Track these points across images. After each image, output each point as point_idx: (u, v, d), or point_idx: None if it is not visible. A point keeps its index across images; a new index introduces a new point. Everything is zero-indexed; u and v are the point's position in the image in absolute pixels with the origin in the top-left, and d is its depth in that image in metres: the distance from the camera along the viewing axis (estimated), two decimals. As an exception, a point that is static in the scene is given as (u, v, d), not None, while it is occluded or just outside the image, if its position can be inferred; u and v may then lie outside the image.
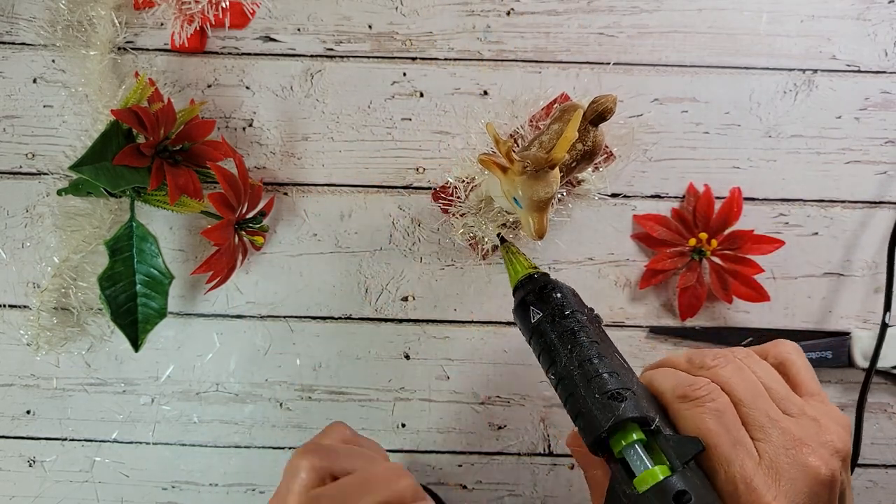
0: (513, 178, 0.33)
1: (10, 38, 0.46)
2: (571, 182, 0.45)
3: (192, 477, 0.47)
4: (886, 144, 0.46)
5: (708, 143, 0.46)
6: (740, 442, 0.26)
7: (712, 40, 0.46)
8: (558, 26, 0.46)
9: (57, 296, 0.45)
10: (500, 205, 0.40)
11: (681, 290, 0.45)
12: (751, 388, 0.28)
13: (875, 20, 0.46)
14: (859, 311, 0.47)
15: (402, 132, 0.47)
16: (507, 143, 0.32)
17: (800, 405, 0.28)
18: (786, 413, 0.28)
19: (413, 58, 0.46)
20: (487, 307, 0.47)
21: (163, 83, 0.46)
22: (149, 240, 0.42)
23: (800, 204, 0.47)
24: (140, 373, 0.47)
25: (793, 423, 0.27)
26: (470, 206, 0.43)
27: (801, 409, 0.28)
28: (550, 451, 0.47)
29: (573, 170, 0.39)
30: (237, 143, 0.47)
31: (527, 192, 0.33)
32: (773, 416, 0.27)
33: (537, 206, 0.33)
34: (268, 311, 0.47)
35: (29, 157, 0.46)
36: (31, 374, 0.47)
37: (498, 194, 0.37)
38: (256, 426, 0.47)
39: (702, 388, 0.28)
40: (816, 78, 0.46)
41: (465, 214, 0.43)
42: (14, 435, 0.47)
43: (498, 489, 0.47)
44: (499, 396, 0.47)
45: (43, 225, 0.46)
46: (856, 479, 0.47)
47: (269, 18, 0.46)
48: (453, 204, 0.43)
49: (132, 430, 0.47)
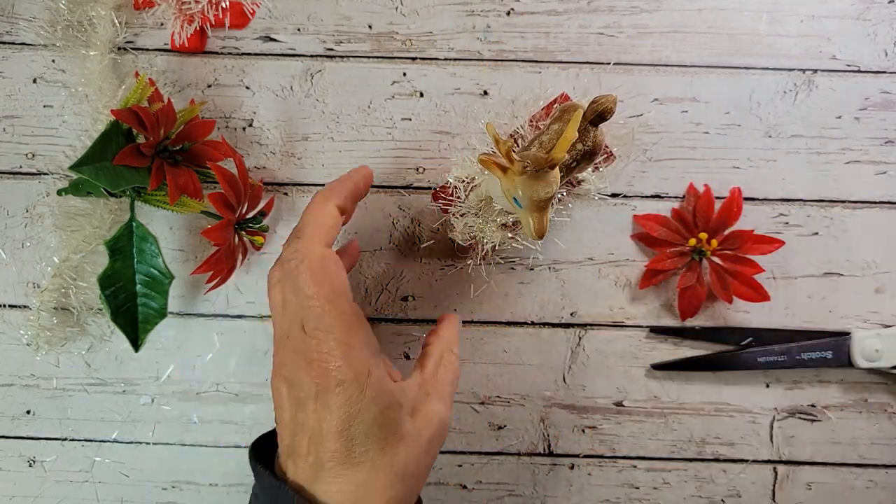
0: (513, 178, 0.33)
1: (10, 38, 0.46)
2: (571, 182, 0.45)
3: (192, 477, 0.47)
4: (886, 144, 0.46)
5: (708, 143, 0.46)
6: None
7: (712, 40, 0.46)
8: (558, 26, 0.46)
9: (57, 296, 0.45)
10: (500, 205, 0.40)
11: (681, 290, 0.45)
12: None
13: (875, 20, 0.46)
14: (859, 311, 0.47)
15: (402, 132, 0.47)
16: (507, 142, 0.32)
17: None
18: None
19: (413, 58, 0.46)
20: (487, 307, 0.47)
21: (163, 83, 0.46)
22: (149, 240, 0.42)
23: (800, 204, 0.47)
24: (140, 373, 0.47)
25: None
26: (470, 206, 0.43)
27: None
28: (550, 451, 0.47)
29: (573, 170, 0.39)
30: (237, 143, 0.47)
31: (527, 191, 0.33)
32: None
33: (537, 206, 0.33)
34: (268, 311, 0.47)
35: (29, 157, 0.46)
36: (31, 374, 0.47)
37: (498, 194, 0.37)
38: (256, 426, 0.47)
39: None
40: (816, 78, 0.46)
41: (465, 214, 0.43)
42: (14, 435, 0.47)
43: (498, 489, 0.47)
44: (499, 396, 0.47)
45: (43, 225, 0.46)
46: (856, 479, 0.47)
47: (269, 18, 0.46)
48: (453, 204, 0.43)
49: (132, 430, 0.47)
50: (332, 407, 0.31)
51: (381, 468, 0.31)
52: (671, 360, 0.46)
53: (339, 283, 0.34)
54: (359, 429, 0.31)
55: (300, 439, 0.32)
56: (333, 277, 0.33)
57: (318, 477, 0.31)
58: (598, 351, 0.47)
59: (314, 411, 0.32)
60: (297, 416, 0.32)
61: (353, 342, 0.32)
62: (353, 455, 0.31)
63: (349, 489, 0.31)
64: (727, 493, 0.47)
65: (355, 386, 0.31)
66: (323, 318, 0.32)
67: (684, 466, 0.47)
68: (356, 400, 0.31)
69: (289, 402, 0.33)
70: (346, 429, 0.31)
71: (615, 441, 0.47)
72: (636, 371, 0.47)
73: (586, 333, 0.47)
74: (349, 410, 0.31)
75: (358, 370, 0.31)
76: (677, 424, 0.47)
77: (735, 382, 0.47)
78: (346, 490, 0.31)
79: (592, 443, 0.47)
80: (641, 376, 0.47)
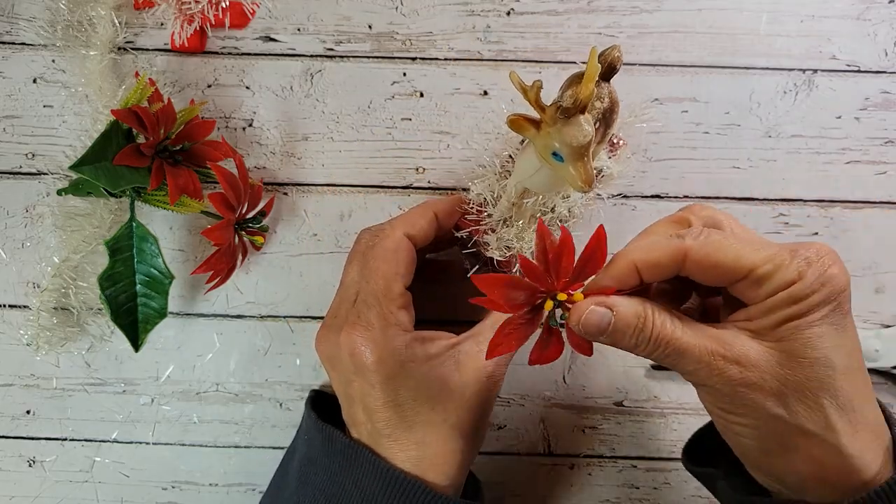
0: (547, 132, 0.31)
1: (10, 38, 0.46)
2: (611, 142, 0.43)
3: (192, 477, 0.47)
4: (886, 144, 0.46)
5: (708, 143, 0.46)
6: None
7: (712, 40, 0.46)
8: (558, 26, 0.46)
9: (57, 296, 0.45)
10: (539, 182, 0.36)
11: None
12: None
13: (875, 20, 0.46)
14: (859, 311, 0.46)
15: (402, 132, 0.47)
16: (536, 84, 0.30)
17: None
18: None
19: (413, 58, 0.46)
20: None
21: (163, 83, 0.46)
22: (149, 240, 0.42)
23: (800, 204, 0.47)
24: (140, 373, 0.47)
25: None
26: (502, 214, 0.40)
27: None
28: (550, 451, 0.47)
29: (598, 132, 0.36)
30: (237, 143, 0.47)
31: (566, 139, 0.30)
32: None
33: (579, 154, 0.31)
34: (268, 311, 0.47)
35: (29, 157, 0.46)
36: (31, 374, 0.47)
37: (534, 165, 0.34)
38: (256, 426, 0.47)
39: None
40: (816, 78, 0.46)
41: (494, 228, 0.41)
42: (14, 435, 0.47)
43: (498, 489, 0.47)
44: (499, 396, 0.47)
45: (43, 225, 0.46)
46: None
47: (269, 18, 0.46)
48: (482, 221, 0.41)
49: (132, 430, 0.47)
50: (374, 383, 0.33)
51: (435, 424, 0.34)
52: (671, 361, 0.46)
53: (403, 267, 0.36)
54: (405, 395, 0.34)
55: (355, 410, 0.35)
56: (399, 261, 0.36)
57: (378, 442, 0.34)
58: (598, 351, 0.47)
59: (359, 387, 0.34)
60: (347, 391, 0.35)
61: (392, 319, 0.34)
62: (406, 418, 0.34)
63: (410, 449, 0.34)
64: (727, 493, 0.47)
65: (392, 360, 0.33)
66: (375, 293, 0.35)
67: (684, 466, 0.47)
68: (396, 373, 0.33)
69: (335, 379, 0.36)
70: (391, 399, 0.33)
71: (615, 441, 0.47)
72: (636, 371, 0.47)
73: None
74: (391, 384, 0.33)
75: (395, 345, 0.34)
76: (677, 424, 0.47)
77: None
78: (407, 450, 0.34)
79: (592, 443, 0.47)
80: (641, 376, 0.47)
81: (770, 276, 0.28)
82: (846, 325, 0.28)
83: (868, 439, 0.29)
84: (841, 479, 0.28)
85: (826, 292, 0.27)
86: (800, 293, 0.27)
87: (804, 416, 0.28)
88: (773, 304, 0.28)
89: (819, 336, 0.28)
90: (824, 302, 0.27)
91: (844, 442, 0.28)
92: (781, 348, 0.28)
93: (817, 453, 0.28)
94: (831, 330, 0.28)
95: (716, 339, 0.29)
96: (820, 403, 0.28)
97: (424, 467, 0.33)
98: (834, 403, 0.28)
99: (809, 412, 0.28)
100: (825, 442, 0.28)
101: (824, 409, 0.28)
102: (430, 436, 0.34)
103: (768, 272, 0.28)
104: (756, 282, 0.28)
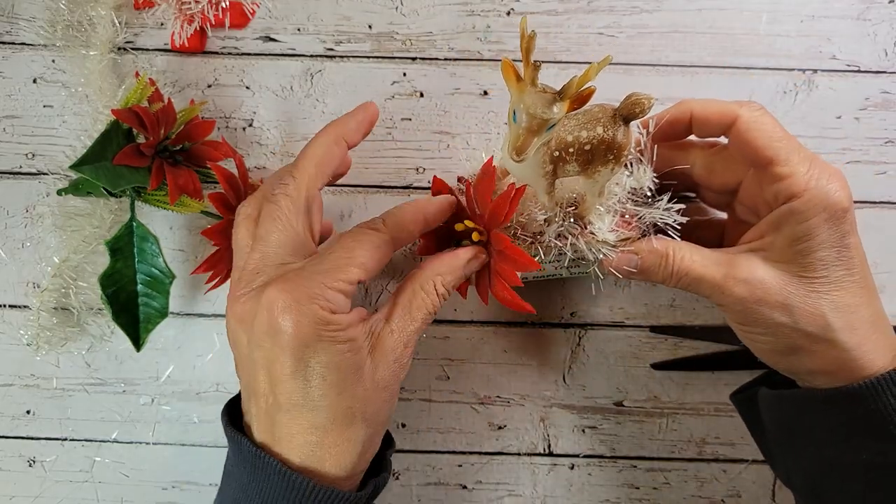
0: (522, 89, 0.31)
1: (10, 38, 0.46)
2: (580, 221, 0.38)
3: (192, 477, 0.47)
4: (886, 144, 0.47)
5: (708, 143, 0.46)
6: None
7: (712, 40, 0.46)
8: (558, 26, 0.46)
9: (57, 296, 0.45)
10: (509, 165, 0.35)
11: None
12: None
13: (875, 20, 0.46)
14: (859, 311, 0.47)
15: (402, 132, 0.47)
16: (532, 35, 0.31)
17: None
18: None
19: (413, 58, 0.47)
20: (487, 307, 0.47)
21: (163, 83, 0.46)
22: (149, 239, 0.42)
23: (800, 204, 0.47)
24: (140, 373, 0.47)
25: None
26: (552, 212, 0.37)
27: None
28: (550, 451, 0.47)
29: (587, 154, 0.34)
30: (237, 143, 0.47)
31: (527, 102, 0.31)
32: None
33: (529, 124, 0.31)
34: (268, 311, 0.47)
35: (29, 157, 0.46)
36: (31, 374, 0.47)
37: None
38: (256, 426, 0.47)
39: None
40: (816, 78, 0.46)
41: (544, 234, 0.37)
42: (14, 435, 0.47)
43: (498, 489, 0.47)
44: (499, 396, 0.47)
45: (43, 225, 0.46)
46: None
47: (269, 18, 0.46)
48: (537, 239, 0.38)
49: (132, 430, 0.47)
50: (285, 346, 0.31)
51: (339, 410, 0.31)
52: (671, 360, 0.46)
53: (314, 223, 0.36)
54: (316, 370, 0.31)
55: (258, 378, 0.32)
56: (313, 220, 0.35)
57: (276, 420, 0.31)
58: (598, 351, 0.47)
59: (269, 350, 0.31)
60: (253, 355, 0.32)
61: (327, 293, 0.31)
62: (311, 398, 0.31)
63: (308, 433, 0.31)
64: (727, 493, 0.47)
65: (311, 328, 0.31)
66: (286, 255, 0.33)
67: (684, 466, 0.47)
68: (313, 343, 0.31)
69: (243, 342, 0.33)
70: (301, 371, 0.31)
71: (615, 441, 0.47)
72: (636, 371, 0.47)
73: (586, 333, 0.47)
74: (304, 352, 0.31)
75: (318, 315, 0.31)
76: (677, 424, 0.47)
77: (735, 382, 0.47)
78: (306, 433, 0.31)
79: (592, 443, 0.47)
80: (641, 376, 0.47)
81: (781, 178, 0.33)
82: (849, 245, 0.33)
83: (870, 336, 0.33)
84: (844, 371, 0.33)
85: (826, 216, 0.32)
86: (799, 209, 0.33)
87: (806, 321, 0.33)
88: (777, 220, 0.34)
89: (821, 259, 0.33)
90: (825, 223, 0.32)
91: (842, 338, 0.33)
92: (786, 269, 0.34)
93: (819, 349, 0.33)
94: (833, 252, 0.33)
95: (728, 263, 0.34)
96: (820, 310, 0.33)
97: (322, 455, 0.31)
98: (832, 307, 0.33)
99: (811, 317, 0.33)
100: (825, 339, 0.33)
101: (825, 316, 0.33)
102: (332, 422, 0.31)
103: (781, 174, 0.33)
104: (770, 177, 0.34)
